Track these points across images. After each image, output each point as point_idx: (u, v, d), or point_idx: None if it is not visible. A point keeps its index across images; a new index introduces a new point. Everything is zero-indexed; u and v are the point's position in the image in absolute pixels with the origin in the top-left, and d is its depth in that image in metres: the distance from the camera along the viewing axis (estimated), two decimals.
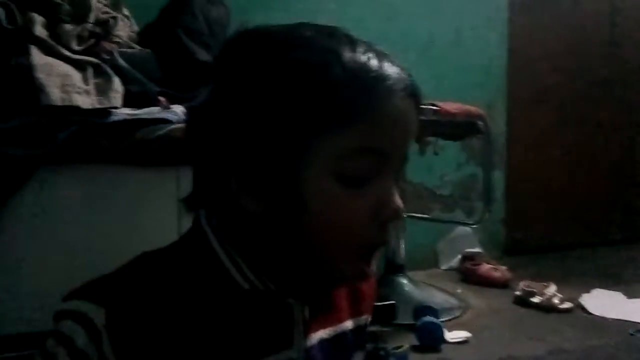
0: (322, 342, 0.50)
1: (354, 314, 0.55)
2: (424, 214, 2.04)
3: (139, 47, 1.26)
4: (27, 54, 0.98)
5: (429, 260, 2.18)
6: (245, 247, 0.45)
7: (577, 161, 2.52)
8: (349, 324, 0.54)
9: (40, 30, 1.05)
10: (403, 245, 1.81)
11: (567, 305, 1.63)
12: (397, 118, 0.43)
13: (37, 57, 0.97)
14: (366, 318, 0.57)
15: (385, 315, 1.38)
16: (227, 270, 0.44)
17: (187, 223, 0.49)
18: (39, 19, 1.07)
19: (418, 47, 2.10)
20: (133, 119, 1.03)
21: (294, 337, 0.47)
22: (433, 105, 1.39)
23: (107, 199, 1.05)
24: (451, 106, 1.46)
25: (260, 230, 0.44)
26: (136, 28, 1.37)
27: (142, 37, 1.32)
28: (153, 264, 0.45)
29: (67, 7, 1.14)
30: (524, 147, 2.41)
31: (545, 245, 2.41)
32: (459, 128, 1.56)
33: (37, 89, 0.92)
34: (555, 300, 1.64)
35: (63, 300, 0.42)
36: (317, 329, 0.50)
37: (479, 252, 2.15)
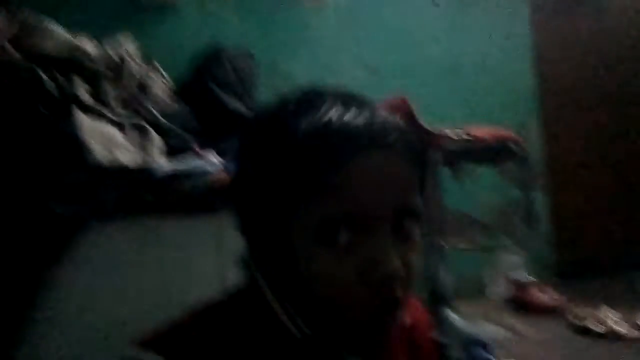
0: None
1: None
2: (465, 242, 1.99)
3: (174, 103, 1.33)
4: (73, 117, 1.05)
5: (476, 290, 2.11)
6: (292, 299, 0.46)
7: (623, 177, 2.42)
8: None
9: (83, 95, 1.13)
10: (447, 276, 1.77)
11: (635, 333, 1.50)
12: (366, 177, 0.42)
13: (82, 120, 1.04)
14: None
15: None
16: (281, 321, 0.46)
17: (229, 267, 0.51)
18: (82, 84, 1.15)
19: (444, 74, 2.12)
20: (175, 173, 1.07)
21: None
22: (463, 131, 1.38)
23: (154, 248, 1.09)
24: (482, 131, 1.45)
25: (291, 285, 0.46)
26: (171, 85, 1.45)
27: (178, 93, 1.39)
28: (211, 315, 0.47)
29: (107, 71, 1.23)
30: (564, 166, 2.34)
31: (596, 266, 2.30)
32: (491, 153, 1.54)
33: (83, 150, 0.98)
34: (619, 328, 1.54)
35: (130, 347, 0.45)
36: None
37: (527, 278, 2.07)
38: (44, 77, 1.10)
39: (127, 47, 1.33)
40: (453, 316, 1.68)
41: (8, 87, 1.09)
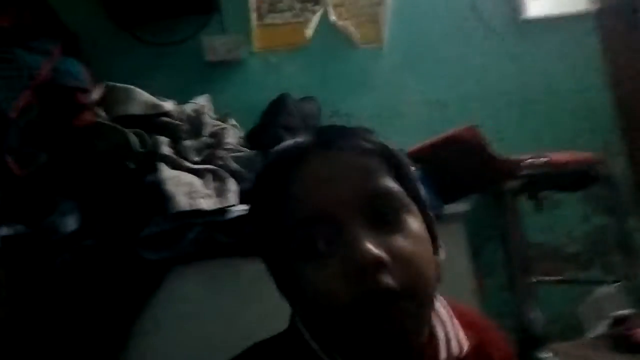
0: None
1: None
2: (555, 276, 1.86)
3: (246, 150, 1.39)
4: (157, 170, 1.13)
5: (573, 329, 1.94)
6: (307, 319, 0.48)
7: None
8: None
9: (165, 149, 1.22)
10: (537, 314, 1.65)
11: None
12: (316, 178, 0.45)
13: (165, 171, 1.12)
14: None
15: None
16: (314, 351, 0.47)
17: None
18: (164, 140, 1.25)
19: (513, 103, 2.05)
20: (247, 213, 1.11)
21: None
22: (541, 157, 1.32)
23: (231, 290, 1.11)
24: (561, 155, 1.38)
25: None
26: (242, 134, 1.52)
27: (248, 140, 1.46)
28: (254, 353, 0.51)
29: (185, 126, 1.32)
30: None
31: None
32: (574, 178, 1.45)
33: (167, 199, 1.04)
34: None
35: None
36: None
37: (632, 314, 1.87)
38: (131, 135, 1.21)
39: (201, 102, 1.43)
40: (550, 357, 1.55)
41: (101, 146, 1.20)
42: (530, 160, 1.28)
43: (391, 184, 0.47)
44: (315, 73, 1.87)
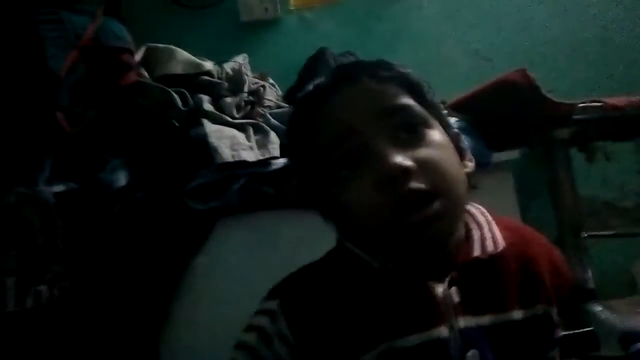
0: (483, 328, 0.48)
1: (525, 303, 0.51)
2: (607, 231, 1.78)
3: (286, 106, 1.38)
4: (200, 125, 1.14)
5: (625, 286, 1.87)
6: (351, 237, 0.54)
7: None
8: (517, 314, 0.50)
9: (207, 106, 1.23)
10: (588, 269, 1.59)
11: None
12: (342, 102, 0.49)
13: (209, 126, 1.13)
14: (546, 307, 0.52)
15: (584, 346, 1.20)
16: (361, 257, 0.51)
17: None
18: (205, 98, 1.26)
19: (563, 53, 1.95)
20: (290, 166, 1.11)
21: (443, 317, 0.48)
22: (596, 101, 1.25)
23: (275, 242, 1.13)
24: (617, 99, 1.30)
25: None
26: (280, 93, 1.52)
27: (287, 97, 1.45)
28: (309, 266, 0.56)
29: (226, 84, 1.33)
30: None
31: None
32: (629, 123, 1.37)
33: (211, 151, 1.05)
34: None
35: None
36: (473, 314, 0.49)
37: None
38: (173, 94, 1.22)
39: (239, 61, 1.42)
40: (602, 312, 1.50)
41: (146, 105, 1.22)
42: (584, 104, 1.21)
43: (410, 101, 0.51)
44: (353, 29, 1.83)
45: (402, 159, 0.45)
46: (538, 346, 0.51)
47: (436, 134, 0.50)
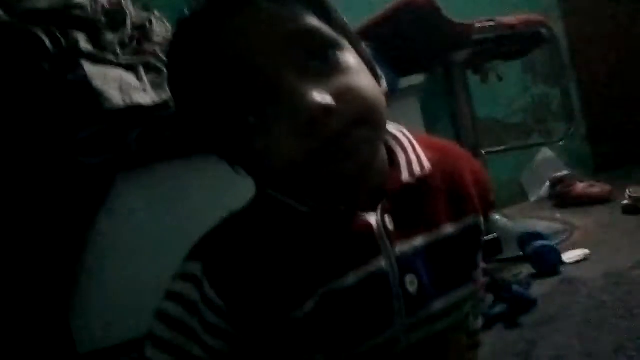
0: (417, 249, 0.47)
1: (455, 217, 0.50)
2: (500, 146, 1.92)
3: None
4: (80, 68, 0.98)
5: (516, 195, 2.06)
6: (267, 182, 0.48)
7: None
8: (449, 228, 0.49)
9: (85, 45, 1.06)
10: None
11: None
12: (231, 39, 0.41)
13: (90, 67, 0.98)
14: (474, 217, 0.51)
15: (490, 251, 1.30)
16: (287, 203, 0.46)
17: None
18: (81, 36, 1.08)
19: None
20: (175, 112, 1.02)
21: (380, 247, 0.46)
22: (490, 21, 1.28)
23: (185, 193, 1.04)
24: (508, 19, 1.34)
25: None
26: (170, 27, 1.36)
27: None
28: (231, 219, 0.50)
29: (103, 18, 1.15)
30: (590, 54, 2.21)
31: (635, 155, 2.21)
32: (522, 41, 1.44)
33: (98, 96, 0.92)
34: None
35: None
36: (407, 237, 0.47)
37: (568, 174, 2.00)
38: (40, 34, 1.03)
39: None
40: (500, 219, 1.64)
41: (5, 49, 1.03)
42: (479, 24, 1.23)
43: (316, 22, 0.43)
44: None
45: (319, 96, 0.39)
46: (469, 255, 0.52)
47: (350, 57, 0.44)
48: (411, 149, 0.50)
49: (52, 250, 0.91)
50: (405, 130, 0.53)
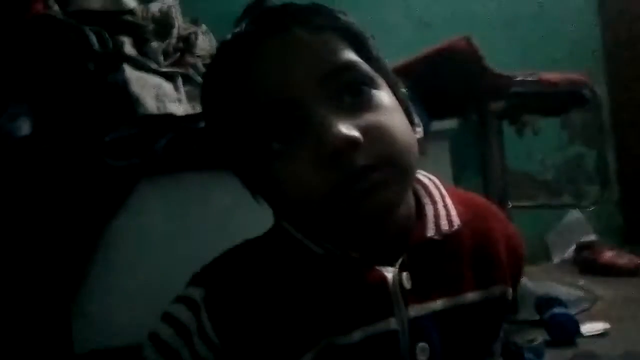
0: (435, 314, 0.44)
1: (481, 284, 0.46)
2: (528, 202, 1.87)
3: None
4: (121, 71, 1.01)
5: (539, 254, 2.00)
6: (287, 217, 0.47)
7: None
8: (472, 296, 0.46)
9: (129, 50, 1.09)
10: None
11: None
12: (268, 62, 0.41)
13: (130, 72, 1.00)
14: (502, 288, 0.47)
15: None
16: (302, 242, 0.45)
17: None
18: (127, 40, 1.11)
19: (499, 26, 1.98)
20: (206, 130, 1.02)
21: (393, 306, 0.43)
22: (531, 75, 1.26)
23: (203, 207, 1.04)
24: (551, 75, 1.32)
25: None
26: (215, 43, 1.39)
27: None
28: (243, 247, 0.48)
29: (151, 26, 1.18)
30: (632, 119, 2.16)
31: None
32: (562, 99, 1.41)
33: (133, 101, 0.94)
34: None
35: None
36: (424, 300, 0.44)
37: (596, 240, 1.93)
38: (89, 33, 1.07)
39: (168, 2, 1.28)
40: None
41: (55, 44, 1.06)
42: (521, 77, 1.22)
43: (352, 56, 0.43)
44: None
45: (346, 129, 0.38)
46: (490, 327, 0.48)
47: (384, 96, 0.43)
48: (441, 202, 0.48)
49: (64, 244, 0.91)
50: (436, 180, 0.50)
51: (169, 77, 1.05)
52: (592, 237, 1.95)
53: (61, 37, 1.07)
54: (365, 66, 0.43)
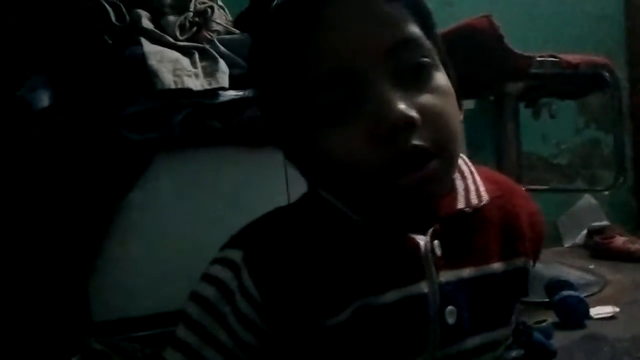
0: (463, 281, 0.46)
1: (505, 256, 0.49)
2: (541, 185, 1.86)
3: (237, 33, 1.26)
4: (139, 44, 1.01)
5: (551, 238, 1.99)
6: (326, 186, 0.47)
7: None
8: (497, 266, 0.48)
9: (147, 23, 1.08)
10: None
11: None
12: (337, 25, 0.39)
13: (148, 46, 1.00)
14: (524, 260, 0.50)
15: None
16: (338, 208, 0.45)
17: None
18: (144, 14, 1.11)
19: (521, 5, 1.93)
20: (240, 98, 1.03)
21: (425, 272, 0.45)
22: (552, 56, 1.24)
23: (215, 182, 1.05)
24: (571, 57, 1.30)
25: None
26: (231, 17, 1.38)
27: (237, 24, 1.32)
28: (278, 212, 0.49)
29: (169, 0, 1.18)
30: None
31: None
32: (582, 82, 1.39)
33: (151, 75, 0.94)
34: None
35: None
36: (454, 267, 0.46)
37: (608, 225, 1.92)
38: (106, 5, 1.06)
39: None
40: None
41: (73, 16, 1.06)
42: (542, 58, 1.20)
43: (417, 31, 0.42)
44: None
45: (406, 108, 0.38)
46: (511, 298, 0.50)
47: (442, 78, 0.43)
48: (471, 178, 0.49)
49: (81, 216, 0.93)
50: (466, 159, 0.52)
51: (186, 52, 1.05)
52: (604, 222, 1.94)
53: (80, 10, 1.07)
54: (427, 43, 0.43)
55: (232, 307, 0.44)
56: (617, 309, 1.21)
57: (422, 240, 0.45)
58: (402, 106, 0.38)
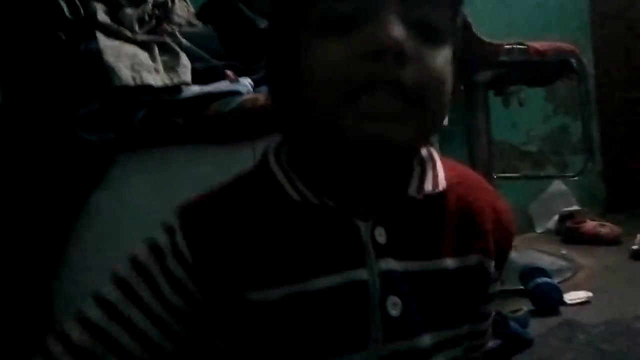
0: (409, 273, 0.43)
1: (457, 252, 0.45)
2: (512, 173, 1.88)
3: (199, 25, 1.22)
4: (94, 39, 0.96)
5: (523, 224, 2.02)
6: (302, 166, 0.45)
7: None
8: (448, 262, 0.45)
9: (103, 17, 1.03)
10: None
11: None
12: None
13: (104, 41, 0.95)
14: (479, 259, 0.46)
15: None
16: (281, 184, 0.44)
17: None
18: (100, 7, 1.05)
19: None
20: (204, 94, 0.98)
21: (365, 259, 0.42)
22: (520, 44, 1.24)
23: (183, 180, 1.01)
24: (539, 44, 1.30)
25: (296, 132, 0.45)
26: (193, 9, 1.33)
27: (201, 16, 1.28)
28: (222, 185, 0.48)
29: None
30: (617, 90, 2.16)
31: None
32: (550, 69, 1.39)
33: (108, 72, 0.89)
34: None
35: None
36: (400, 257, 0.43)
37: (578, 210, 1.95)
38: (60, 1, 1.01)
39: None
40: None
41: (25, 11, 1.00)
42: (510, 46, 1.19)
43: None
44: None
45: (402, 36, 0.37)
46: (468, 299, 0.47)
47: (449, 53, 0.41)
48: (430, 164, 0.46)
49: (37, 222, 0.88)
50: (432, 148, 0.48)
51: (146, 46, 1.00)
52: (574, 208, 1.97)
53: (30, 4, 1.01)
54: (448, 12, 0.41)
55: (161, 266, 0.43)
56: (590, 294, 1.23)
57: (363, 224, 0.43)
58: (399, 33, 0.37)
